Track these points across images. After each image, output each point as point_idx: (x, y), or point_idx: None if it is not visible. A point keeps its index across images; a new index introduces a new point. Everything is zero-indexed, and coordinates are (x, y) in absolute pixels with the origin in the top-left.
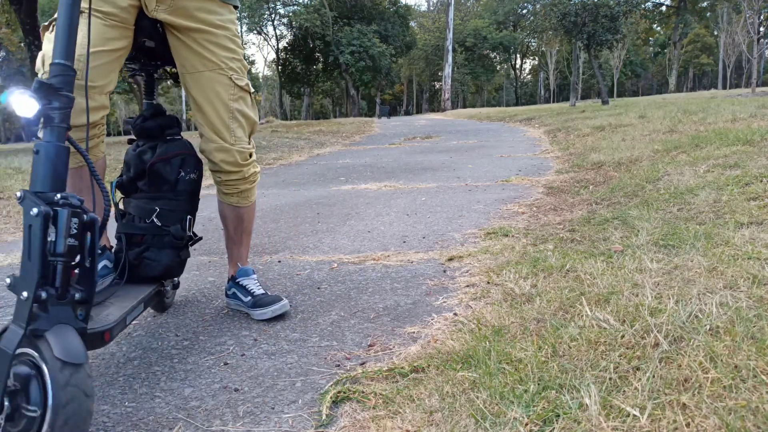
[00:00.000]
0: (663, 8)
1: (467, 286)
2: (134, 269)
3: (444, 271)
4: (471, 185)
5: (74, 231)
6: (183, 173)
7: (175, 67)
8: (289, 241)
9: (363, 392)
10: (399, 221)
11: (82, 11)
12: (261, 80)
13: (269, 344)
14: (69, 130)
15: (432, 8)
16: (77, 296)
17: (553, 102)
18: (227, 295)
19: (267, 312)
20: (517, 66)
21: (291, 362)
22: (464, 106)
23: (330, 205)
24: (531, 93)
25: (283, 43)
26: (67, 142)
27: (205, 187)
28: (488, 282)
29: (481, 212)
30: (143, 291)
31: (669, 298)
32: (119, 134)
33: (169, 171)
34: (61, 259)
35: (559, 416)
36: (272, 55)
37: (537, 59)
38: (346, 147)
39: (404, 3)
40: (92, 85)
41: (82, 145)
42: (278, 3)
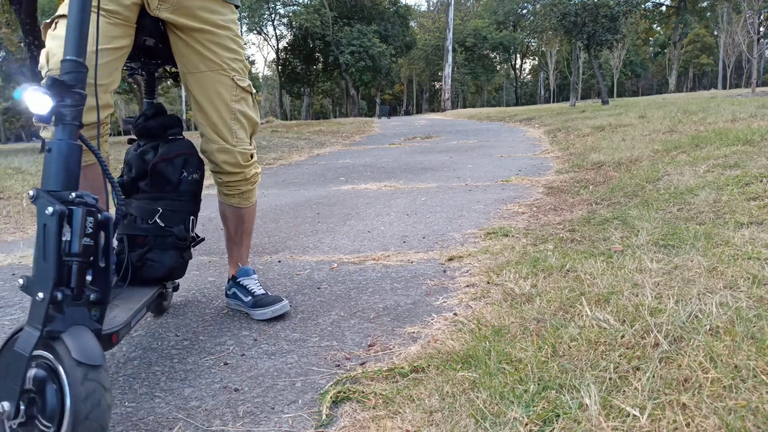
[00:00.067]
0: (663, 8)
1: (467, 286)
2: (137, 271)
3: (444, 271)
4: (471, 185)
5: (89, 230)
6: (185, 173)
7: (176, 67)
8: (289, 241)
9: (363, 392)
10: (399, 221)
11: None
12: (261, 80)
13: (269, 344)
14: (81, 128)
15: (432, 8)
16: (92, 297)
17: (553, 102)
18: (227, 295)
19: (267, 312)
20: (517, 66)
21: (291, 362)
22: (464, 106)
23: (330, 205)
24: (531, 93)
25: (283, 43)
26: (79, 141)
27: (205, 187)
28: (488, 282)
29: (481, 212)
30: (147, 293)
31: (669, 298)
32: (119, 134)
33: (172, 171)
34: (77, 259)
35: (559, 416)
36: (272, 55)
37: (537, 59)
38: (346, 147)
39: (404, 3)
40: (98, 83)
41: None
42: (278, 3)
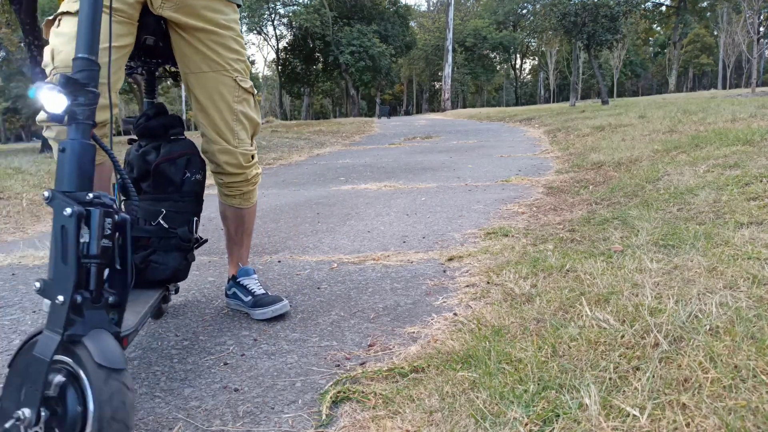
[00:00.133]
0: (663, 8)
1: (467, 286)
2: (141, 273)
3: (444, 271)
4: (471, 185)
5: (107, 231)
6: (188, 174)
7: (176, 66)
8: (289, 241)
9: (363, 392)
10: (399, 221)
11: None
12: (261, 80)
13: (269, 344)
14: (95, 127)
15: (432, 8)
16: (110, 300)
17: (553, 102)
18: (227, 295)
19: (267, 312)
20: (517, 66)
21: (291, 362)
22: (464, 106)
23: (330, 205)
24: (531, 93)
25: (283, 43)
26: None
27: (205, 187)
28: (488, 282)
29: (481, 212)
30: (152, 295)
31: (669, 298)
32: (119, 134)
33: (175, 171)
34: (95, 261)
35: (559, 416)
36: (272, 55)
37: (537, 59)
38: (346, 147)
39: (404, 3)
40: (103, 83)
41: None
42: (278, 3)
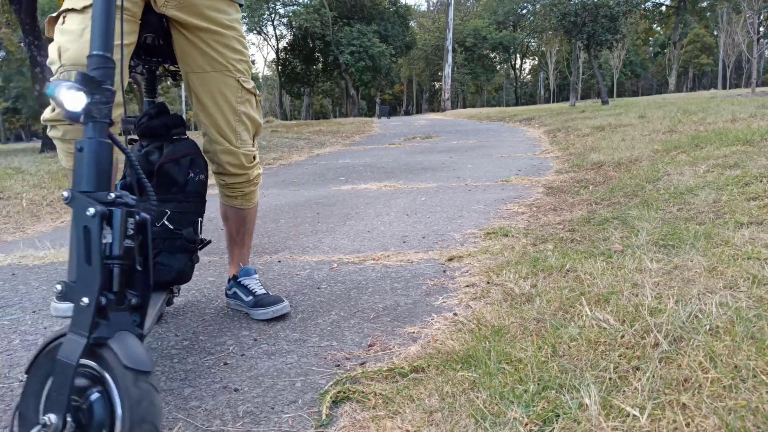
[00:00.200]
0: (663, 8)
1: (467, 286)
2: None
3: (444, 271)
4: (471, 185)
5: (130, 232)
6: (192, 174)
7: (175, 65)
8: (289, 241)
9: (363, 392)
10: (399, 221)
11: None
12: (261, 80)
13: (269, 344)
14: (111, 126)
15: (432, 8)
16: (133, 301)
17: (553, 102)
18: (227, 295)
19: (268, 312)
20: (517, 66)
21: (291, 362)
22: (464, 106)
23: (330, 205)
24: (531, 93)
25: (283, 43)
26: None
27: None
28: (488, 282)
29: (481, 212)
30: (159, 298)
31: (669, 298)
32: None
33: (178, 172)
34: (118, 262)
35: (559, 416)
36: (272, 55)
37: (537, 59)
38: (346, 147)
39: (404, 3)
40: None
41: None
42: (278, 3)
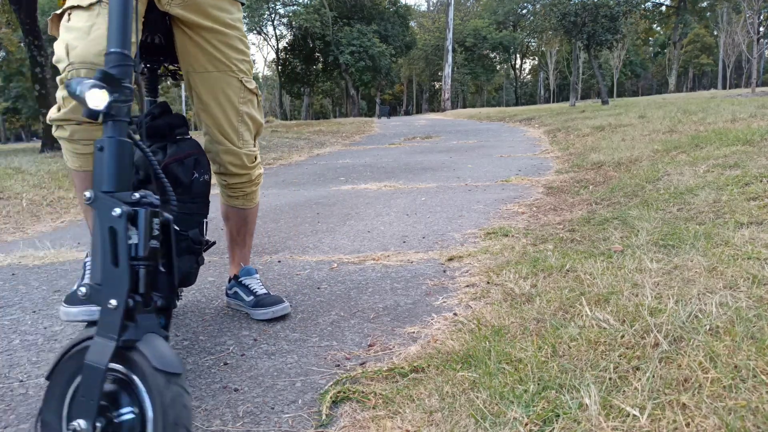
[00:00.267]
0: (663, 8)
1: (467, 286)
2: None
3: (444, 271)
4: (471, 185)
5: (155, 232)
6: (197, 174)
7: (175, 64)
8: (289, 241)
9: (363, 392)
10: (399, 221)
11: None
12: (261, 80)
13: (269, 344)
14: (131, 125)
15: (432, 8)
16: (159, 303)
17: (553, 102)
18: (228, 294)
19: (268, 312)
20: (517, 66)
21: (291, 362)
22: (464, 106)
23: (330, 205)
24: (531, 93)
25: (283, 43)
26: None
27: None
28: (488, 282)
29: (481, 212)
30: None
31: (669, 298)
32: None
33: (183, 172)
34: (144, 263)
35: (559, 416)
36: (272, 55)
37: (537, 59)
38: (346, 147)
39: (404, 3)
40: None
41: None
42: (278, 3)
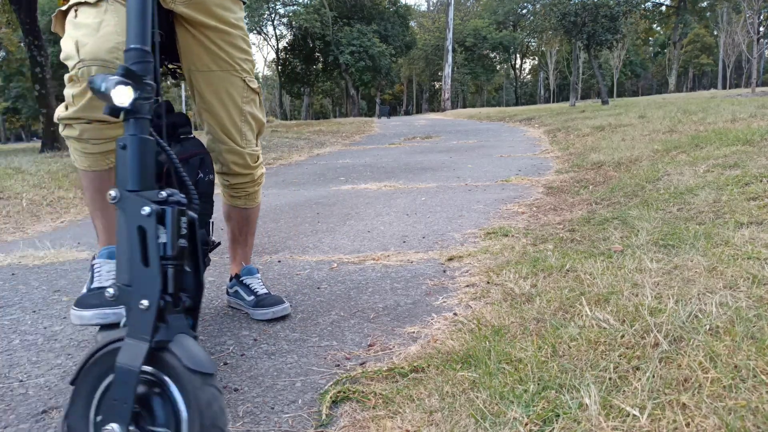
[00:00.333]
0: (663, 8)
1: (467, 286)
2: None
3: (444, 271)
4: (471, 185)
5: (183, 231)
6: (202, 174)
7: (176, 62)
8: (289, 241)
9: (363, 392)
10: (399, 221)
11: None
12: (261, 80)
13: (269, 344)
14: (152, 122)
15: (432, 8)
16: (187, 303)
17: (553, 102)
18: (228, 293)
19: (268, 313)
20: (517, 66)
21: (291, 362)
22: (464, 106)
23: (330, 205)
24: (531, 93)
25: (283, 43)
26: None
27: None
28: (488, 282)
29: (481, 212)
30: None
31: (669, 298)
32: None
33: (188, 172)
34: (173, 263)
35: (559, 416)
36: (272, 55)
37: (537, 59)
38: (346, 147)
39: (404, 3)
40: None
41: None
42: (278, 3)
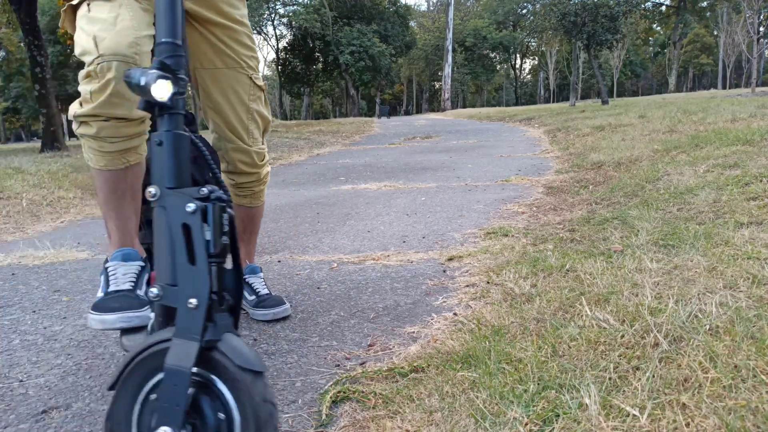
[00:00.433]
0: (663, 8)
1: (467, 286)
2: None
3: (444, 271)
4: (471, 185)
5: (225, 228)
6: (211, 173)
7: None
8: (289, 241)
9: (363, 392)
10: (399, 221)
11: None
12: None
13: (269, 344)
14: (187, 118)
15: (432, 8)
16: (231, 301)
17: (553, 102)
18: None
19: (268, 314)
20: (517, 66)
21: (291, 362)
22: (464, 106)
23: (330, 205)
24: (531, 93)
25: (283, 43)
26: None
27: None
28: (488, 282)
29: (481, 212)
30: None
31: (669, 298)
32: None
33: (197, 171)
34: (216, 260)
35: (559, 416)
36: (272, 55)
37: (537, 59)
38: (346, 147)
39: (404, 3)
40: None
41: (140, 142)
42: (278, 3)
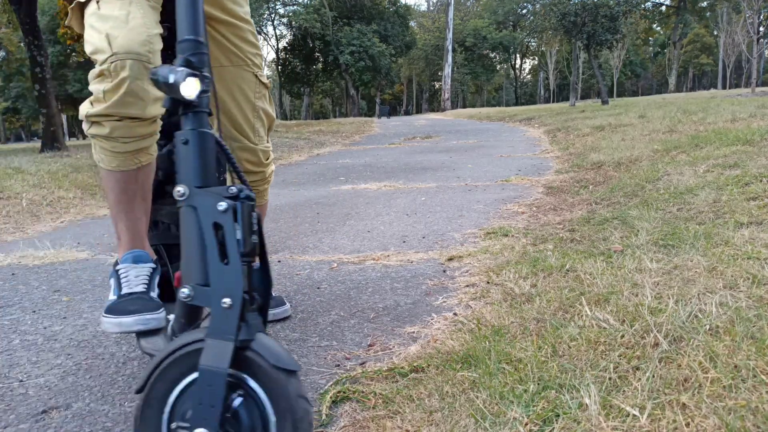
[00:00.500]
0: (663, 8)
1: (467, 286)
2: (171, 283)
3: (444, 271)
4: (471, 185)
5: (255, 227)
6: (217, 174)
7: None
8: (289, 241)
9: (363, 392)
10: (399, 221)
11: None
12: None
13: None
14: (211, 115)
15: (432, 8)
16: (260, 301)
17: (553, 102)
18: None
19: (269, 314)
20: (517, 66)
21: None
22: (464, 106)
23: (330, 205)
24: (531, 93)
25: (283, 43)
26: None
27: None
28: (488, 282)
29: (481, 212)
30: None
31: (669, 298)
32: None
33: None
34: (248, 260)
35: (559, 416)
36: (272, 55)
37: (537, 59)
38: (346, 147)
39: (404, 3)
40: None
41: (151, 141)
42: (278, 3)
